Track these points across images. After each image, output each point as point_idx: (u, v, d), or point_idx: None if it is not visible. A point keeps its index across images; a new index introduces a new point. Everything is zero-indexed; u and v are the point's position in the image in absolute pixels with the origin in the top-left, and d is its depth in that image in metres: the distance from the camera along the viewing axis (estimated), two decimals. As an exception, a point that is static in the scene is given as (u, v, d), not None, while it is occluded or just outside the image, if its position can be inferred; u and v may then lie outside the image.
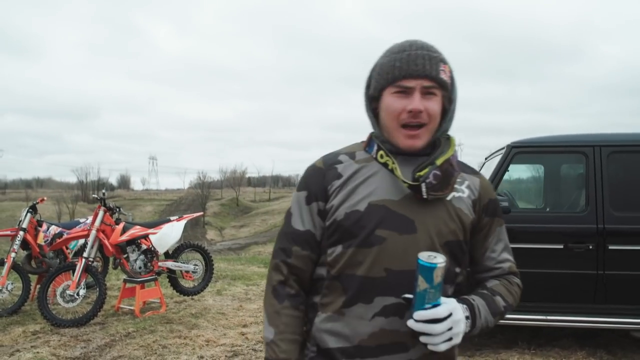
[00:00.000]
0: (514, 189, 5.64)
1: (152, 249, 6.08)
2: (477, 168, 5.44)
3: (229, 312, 5.97)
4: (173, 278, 6.32)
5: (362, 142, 1.43)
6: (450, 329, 1.16)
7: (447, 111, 1.35)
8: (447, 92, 1.31)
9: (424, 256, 1.15)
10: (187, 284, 6.53)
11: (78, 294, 5.45)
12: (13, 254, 5.95)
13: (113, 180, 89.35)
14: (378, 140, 1.35)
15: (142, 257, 6.02)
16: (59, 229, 6.59)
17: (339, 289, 1.28)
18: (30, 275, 6.17)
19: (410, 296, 1.18)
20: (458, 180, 1.34)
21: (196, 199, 63.06)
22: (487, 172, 4.82)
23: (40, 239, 6.37)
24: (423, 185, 1.25)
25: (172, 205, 65.11)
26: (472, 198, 1.35)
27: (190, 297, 6.55)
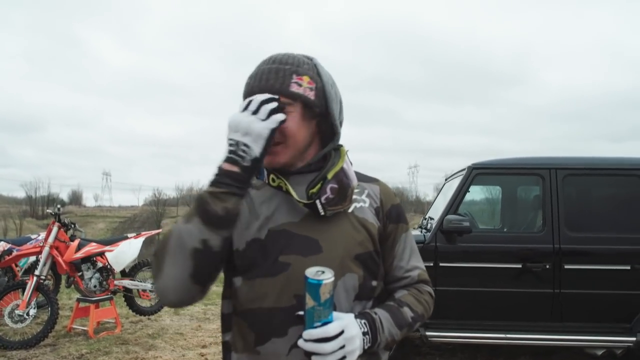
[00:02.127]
0: (475, 210, 5.76)
1: (109, 267, 5.89)
2: (434, 189, 5.52)
3: (187, 332, 5.82)
4: (129, 297, 6.13)
5: None
6: (342, 347, 1.09)
7: (322, 124, 1.26)
8: (309, 106, 1.22)
9: (311, 272, 1.07)
10: (143, 303, 6.33)
11: (28, 314, 5.21)
12: (-42, 272, 5.66)
13: (64, 195, 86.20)
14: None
15: (97, 275, 5.82)
16: (9, 246, 6.32)
17: (248, 326, 1.19)
18: (-25, 294, 5.87)
19: (302, 313, 1.11)
20: (357, 190, 1.28)
21: (151, 216, 61.65)
22: (448, 193, 4.91)
23: (-12, 256, 6.09)
24: (318, 202, 1.18)
25: (125, 222, 63.39)
26: (374, 206, 1.29)
27: (147, 316, 6.36)
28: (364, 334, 1.14)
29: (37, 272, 5.33)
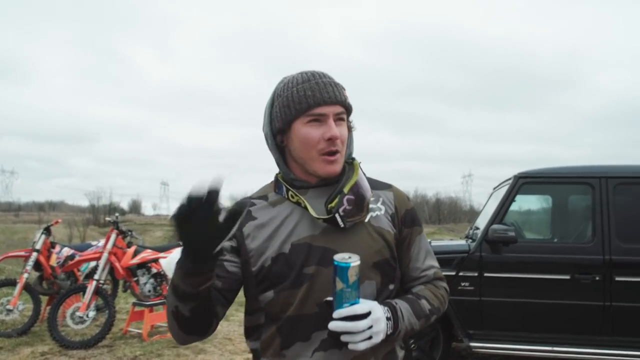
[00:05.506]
0: (523, 219, 5.67)
1: (162, 273, 6.15)
2: (485, 199, 5.38)
3: (235, 338, 5.98)
4: (181, 302, 6.37)
5: (272, 183, 1.41)
6: (370, 327, 1.16)
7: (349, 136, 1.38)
8: (350, 114, 1.35)
9: (339, 257, 1.16)
10: (195, 308, 6.56)
11: (88, 316, 5.52)
12: (26, 275, 6.06)
13: (124, 204, 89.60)
14: (285, 180, 1.35)
15: (152, 280, 6.09)
16: (72, 251, 6.69)
17: (276, 332, 1.27)
18: (41, 296, 6.26)
19: (331, 299, 1.19)
20: (372, 198, 1.35)
21: (206, 225, 63.05)
22: (495, 202, 4.86)
23: (53, 261, 6.48)
24: (337, 216, 1.26)
25: (182, 230, 65.14)
26: (389, 212, 1.37)
27: (197, 321, 6.58)
28: (387, 319, 1.22)
29: (96, 277, 5.64)
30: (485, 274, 4.45)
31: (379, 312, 1.20)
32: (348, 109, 1.33)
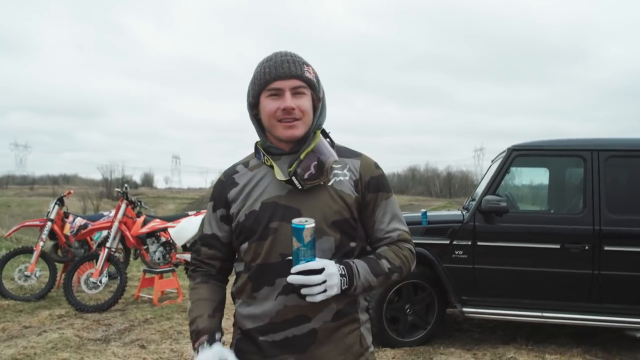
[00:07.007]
0: (520, 191, 5.80)
1: (171, 241, 6.40)
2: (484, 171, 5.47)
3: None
4: (190, 270, 6.63)
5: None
6: (324, 281, 1.34)
7: (316, 107, 1.55)
8: (314, 90, 1.52)
9: (296, 220, 1.34)
10: (203, 276, 6.82)
11: (101, 282, 5.80)
12: (41, 243, 6.35)
13: (137, 178, 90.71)
14: (261, 147, 1.56)
15: (161, 249, 6.35)
16: (84, 221, 6.97)
17: (248, 278, 1.49)
18: (56, 263, 6.55)
19: (291, 257, 1.37)
20: (338, 165, 1.52)
21: (218, 198, 63.50)
22: (492, 174, 5.00)
23: (67, 230, 6.77)
24: (294, 178, 1.45)
25: (194, 203, 65.81)
26: (353, 179, 1.52)
27: (206, 288, 6.84)
28: (342, 275, 1.39)
29: (107, 245, 5.91)
30: (479, 243, 4.62)
31: (332, 269, 1.37)
32: (309, 82, 1.49)
